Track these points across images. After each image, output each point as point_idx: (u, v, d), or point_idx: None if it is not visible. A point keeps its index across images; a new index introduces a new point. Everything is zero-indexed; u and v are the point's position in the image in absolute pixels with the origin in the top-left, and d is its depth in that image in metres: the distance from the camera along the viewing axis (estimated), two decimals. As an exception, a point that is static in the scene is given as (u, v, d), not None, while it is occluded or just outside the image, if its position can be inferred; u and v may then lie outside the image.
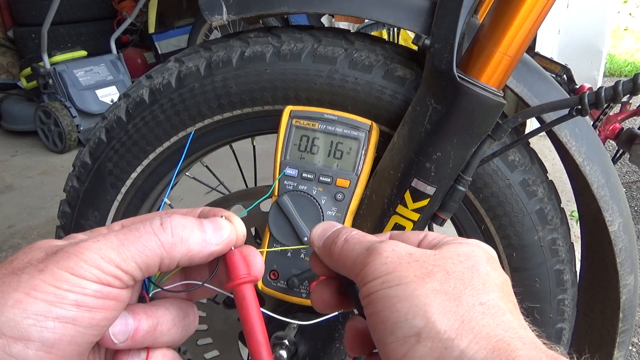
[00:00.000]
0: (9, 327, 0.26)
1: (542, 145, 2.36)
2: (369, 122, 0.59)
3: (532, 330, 0.29)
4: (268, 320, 0.73)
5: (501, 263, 0.67)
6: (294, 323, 0.62)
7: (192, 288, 0.37)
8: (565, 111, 0.53)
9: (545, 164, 0.68)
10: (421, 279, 0.30)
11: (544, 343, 0.28)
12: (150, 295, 0.35)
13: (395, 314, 0.29)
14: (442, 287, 0.29)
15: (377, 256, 0.32)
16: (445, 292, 0.29)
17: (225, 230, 0.35)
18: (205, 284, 0.36)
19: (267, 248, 0.60)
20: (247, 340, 0.35)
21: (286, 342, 0.67)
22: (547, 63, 2.01)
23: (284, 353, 0.66)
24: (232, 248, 0.36)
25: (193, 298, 0.38)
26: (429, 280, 0.30)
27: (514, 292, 0.32)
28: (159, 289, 0.36)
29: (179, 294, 0.37)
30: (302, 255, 0.59)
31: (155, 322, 0.33)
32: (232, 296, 0.36)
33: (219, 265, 0.36)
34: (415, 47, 0.60)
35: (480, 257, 0.32)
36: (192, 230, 0.33)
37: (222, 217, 0.36)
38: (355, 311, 0.37)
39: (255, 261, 0.36)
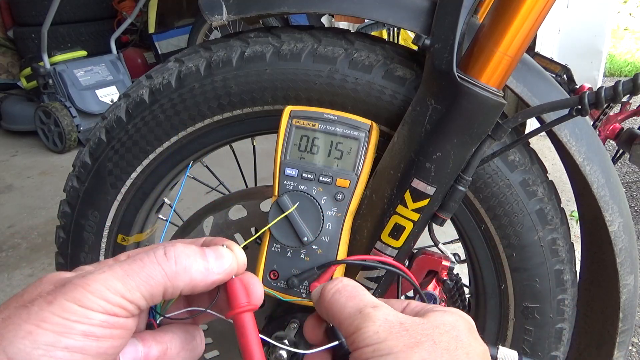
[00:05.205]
0: (20, 357, 0.28)
1: (542, 145, 2.36)
2: (369, 122, 0.59)
3: None
4: (268, 320, 0.73)
5: (501, 263, 0.67)
6: (290, 350, 0.64)
7: (195, 315, 0.38)
8: (565, 111, 0.53)
9: (545, 164, 0.68)
10: (410, 349, 0.32)
11: None
12: (157, 322, 0.37)
13: None
14: (430, 356, 0.32)
15: (370, 323, 0.34)
16: None
17: (226, 259, 0.36)
18: (208, 310, 0.38)
19: (267, 249, 0.60)
20: None
21: (286, 342, 0.67)
22: (547, 63, 2.01)
23: (284, 353, 0.66)
24: (233, 277, 0.37)
25: (196, 322, 0.40)
26: (417, 350, 0.32)
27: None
28: (164, 317, 0.37)
29: (184, 319, 0.39)
30: (302, 255, 0.59)
31: (164, 347, 0.35)
32: (231, 321, 0.37)
33: (220, 292, 0.37)
34: (415, 47, 0.59)
35: (463, 328, 0.35)
36: (195, 259, 0.34)
37: (223, 245, 0.37)
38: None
39: (255, 289, 0.38)
